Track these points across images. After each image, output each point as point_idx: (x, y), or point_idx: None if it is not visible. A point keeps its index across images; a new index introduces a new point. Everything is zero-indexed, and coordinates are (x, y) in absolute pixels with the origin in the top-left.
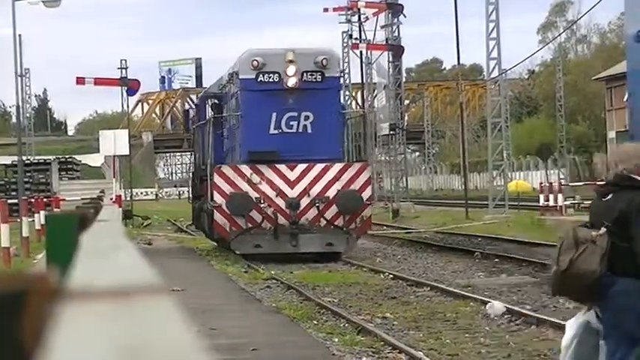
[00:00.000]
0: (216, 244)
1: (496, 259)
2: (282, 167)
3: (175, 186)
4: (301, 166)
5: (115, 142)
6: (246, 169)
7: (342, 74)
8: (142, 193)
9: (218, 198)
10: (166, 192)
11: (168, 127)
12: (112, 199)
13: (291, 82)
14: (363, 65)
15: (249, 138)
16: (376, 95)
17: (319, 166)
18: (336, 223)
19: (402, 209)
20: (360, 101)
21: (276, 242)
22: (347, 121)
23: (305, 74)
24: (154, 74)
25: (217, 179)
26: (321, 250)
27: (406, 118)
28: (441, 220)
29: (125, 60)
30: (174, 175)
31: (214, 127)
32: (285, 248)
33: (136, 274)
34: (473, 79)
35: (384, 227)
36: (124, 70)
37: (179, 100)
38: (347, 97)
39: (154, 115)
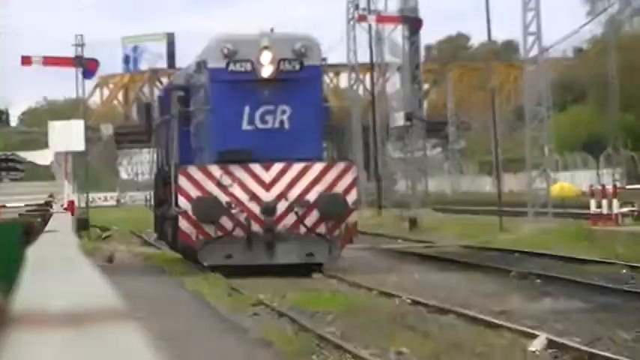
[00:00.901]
0: (181, 256)
1: (537, 280)
2: (256, 167)
3: (138, 189)
4: (278, 166)
5: (67, 136)
6: (215, 170)
7: (323, 63)
8: (100, 199)
9: (183, 203)
10: (130, 197)
11: (133, 118)
12: (63, 205)
13: (266, 71)
14: (372, 42)
15: (219, 135)
16: (388, 78)
17: (298, 166)
18: (317, 231)
19: (420, 218)
20: (368, 85)
21: (249, 252)
22: (329, 115)
23: (282, 63)
24: (115, 53)
25: (182, 181)
26: (300, 261)
27: (425, 105)
28: (469, 231)
29: (81, 35)
30: (140, 176)
31: (180, 123)
32: (260, 259)
33: (94, 297)
34: (507, 58)
35: (399, 240)
36: (79, 48)
37: (147, 84)
38: (353, 81)
39: (115, 103)
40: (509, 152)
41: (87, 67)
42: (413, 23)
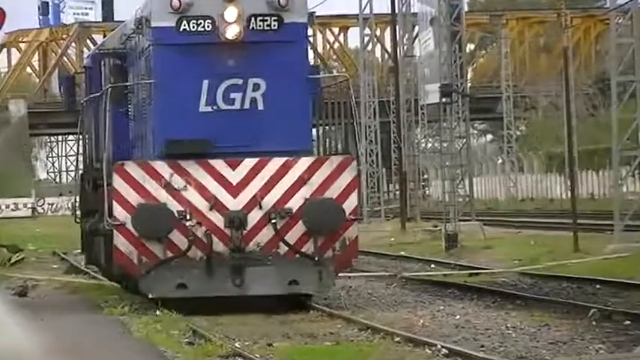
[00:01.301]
0: (117, 284)
1: (627, 321)
2: (219, 164)
3: (62, 194)
4: (249, 163)
5: None
6: (162, 168)
7: (310, 18)
8: (9, 207)
9: (120, 212)
10: (51, 204)
11: (53, 92)
12: None
13: (232, 31)
14: None
15: (168, 120)
16: (417, 35)
17: (277, 162)
18: (303, 250)
19: (462, 234)
20: (388, 46)
21: (209, 280)
22: (320, 91)
23: (253, 20)
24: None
25: (118, 183)
26: (280, 291)
27: (469, 74)
28: (530, 252)
29: None
30: (65, 175)
31: (114, 103)
32: (224, 289)
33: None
34: (585, 7)
35: (432, 265)
36: None
37: (73, 45)
38: (366, 39)
39: (28, 70)
40: (590, 140)
41: None
42: None
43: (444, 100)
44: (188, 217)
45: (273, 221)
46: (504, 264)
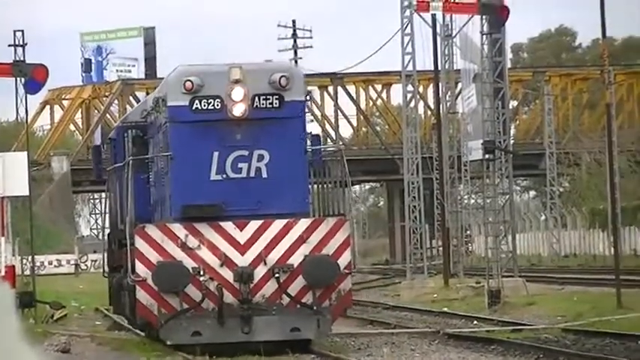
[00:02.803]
0: (142, 332)
1: None
2: (229, 226)
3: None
4: (254, 224)
5: (3, 175)
6: (179, 230)
7: (307, 97)
8: (52, 263)
9: (141, 269)
10: (94, 261)
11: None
12: None
13: (238, 109)
14: (438, 40)
15: (183, 187)
16: (460, 92)
17: (279, 224)
18: (303, 301)
19: (505, 290)
20: (431, 103)
21: (221, 328)
22: (320, 158)
23: (257, 99)
24: (71, 56)
25: (140, 244)
26: (283, 337)
27: (512, 131)
28: (574, 309)
29: (22, 32)
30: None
31: (136, 171)
32: (234, 336)
33: None
34: (629, 63)
35: (474, 322)
36: (19, 50)
37: (116, 101)
38: (409, 96)
39: (72, 128)
40: (633, 197)
41: (32, 76)
42: (496, 13)
43: (487, 156)
44: (202, 272)
45: (277, 276)
46: (547, 320)
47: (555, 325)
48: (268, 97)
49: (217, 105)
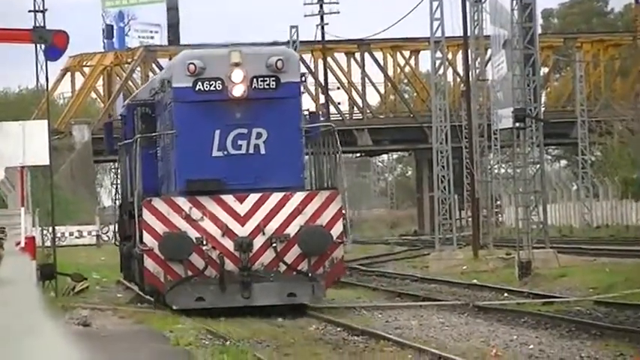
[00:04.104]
0: (150, 297)
1: None
2: (229, 199)
3: None
4: (253, 197)
5: (23, 144)
6: (183, 203)
7: (303, 79)
8: (73, 235)
9: (148, 239)
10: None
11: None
12: (19, 243)
13: (238, 90)
14: (467, 5)
15: (187, 163)
16: (490, 58)
17: (276, 197)
18: (298, 268)
19: (536, 261)
20: (461, 70)
21: (222, 294)
22: (317, 134)
23: (255, 80)
24: (93, 22)
25: (147, 216)
26: (280, 302)
27: (543, 98)
28: (607, 280)
29: None
30: None
31: (142, 148)
32: (235, 301)
33: None
34: None
35: (504, 294)
36: (39, 16)
37: (138, 68)
38: (438, 62)
39: (93, 96)
40: None
41: (52, 42)
42: None
43: (517, 124)
44: (204, 242)
45: (274, 245)
46: (579, 292)
47: (587, 298)
48: (266, 78)
49: (219, 86)
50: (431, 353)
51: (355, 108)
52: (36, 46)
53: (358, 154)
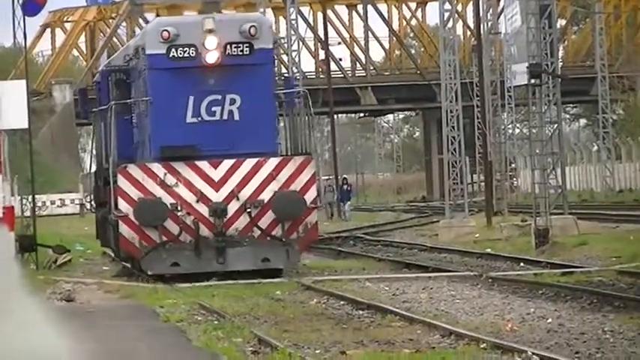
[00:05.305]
0: (126, 263)
1: None
2: (204, 165)
3: None
4: (227, 163)
5: (0, 105)
6: (158, 169)
7: (275, 45)
8: (55, 203)
9: (123, 206)
10: None
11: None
12: None
13: (212, 57)
14: None
15: (161, 129)
16: (502, 11)
17: (250, 162)
18: (273, 234)
19: (554, 229)
20: (471, 23)
21: (197, 259)
22: (289, 101)
23: (229, 47)
24: None
25: (122, 182)
26: (254, 267)
27: (561, 53)
28: (630, 249)
29: None
30: None
31: (119, 113)
32: (210, 266)
33: None
34: None
35: (521, 264)
36: None
37: (124, 23)
38: (446, 15)
39: (75, 53)
40: None
41: None
42: None
43: (532, 81)
44: (179, 208)
45: (248, 210)
46: (601, 262)
47: (610, 267)
48: (239, 45)
49: (192, 53)
50: (442, 328)
51: (358, 65)
52: (13, 1)
53: (362, 115)
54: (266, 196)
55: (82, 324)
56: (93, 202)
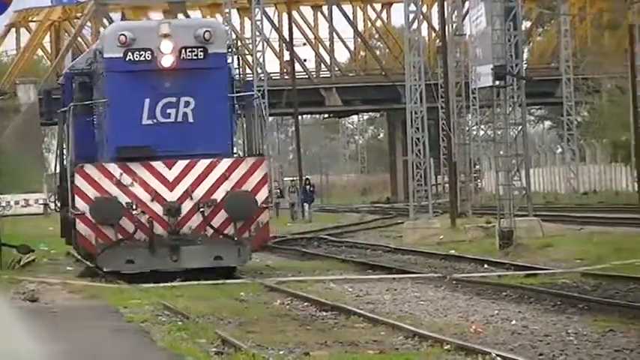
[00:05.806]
0: (86, 261)
1: None
2: (159, 165)
3: None
4: (181, 163)
5: None
6: (114, 169)
7: (229, 50)
8: (19, 203)
9: (80, 204)
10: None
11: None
12: None
13: (167, 60)
14: None
15: (118, 130)
16: (468, 12)
17: (203, 163)
18: (225, 232)
19: (518, 230)
20: (436, 25)
21: (152, 257)
22: (240, 104)
23: (183, 51)
24: None
25: (79, 181)
26: (207, 265)
27: (526, 55)
28: (594, 251)
29: None
30: None
31: (79, 116)
32: (164, 264)
33: None
34: None
35: (485, 266)
36: None
37: (89, 23)
38: (412, 16)
39: (40, 53)
40: None
41: None
42: None
43: (497, 83)
44: (134, 207)
45: (202, 210)
46: (565, 264)
47: (574, 269)
48: (194, 49)
49: (148, 57)
50: (406, 330)
51: (323, 66)
52: None
53: (326, 115)
54: (219, 195)
55: (45, 324)
56: (57, 202)
